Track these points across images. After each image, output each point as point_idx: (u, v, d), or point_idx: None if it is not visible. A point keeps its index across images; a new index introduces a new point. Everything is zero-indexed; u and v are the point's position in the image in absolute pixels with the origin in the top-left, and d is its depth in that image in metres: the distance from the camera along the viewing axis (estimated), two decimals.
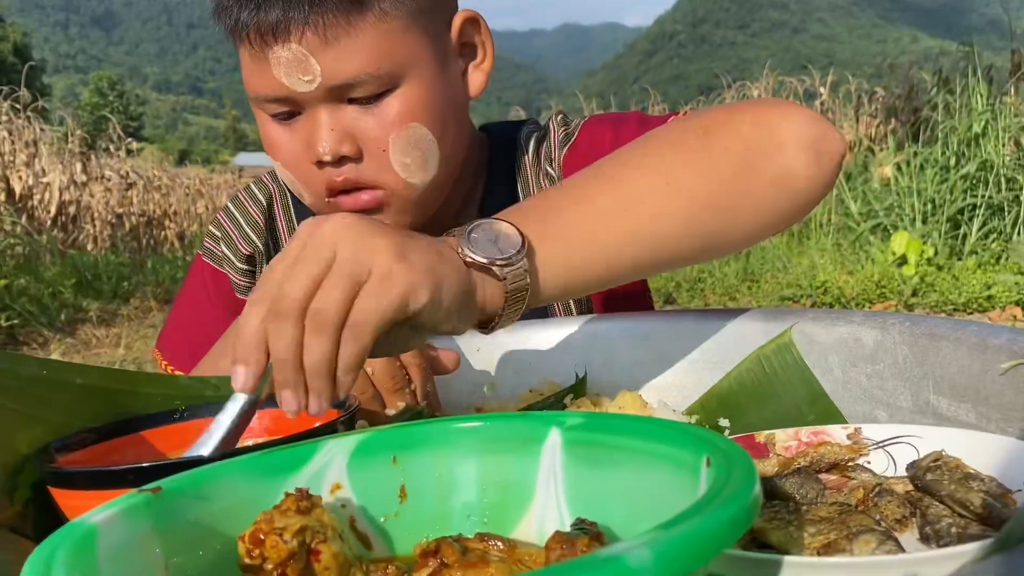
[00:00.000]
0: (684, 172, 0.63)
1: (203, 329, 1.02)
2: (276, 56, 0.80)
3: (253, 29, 0.79)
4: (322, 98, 0.81)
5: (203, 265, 1.07)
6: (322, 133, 0.81)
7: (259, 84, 0.82)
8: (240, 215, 1.06)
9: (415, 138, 0.83)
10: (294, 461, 0.46)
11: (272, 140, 0.86)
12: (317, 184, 0.85)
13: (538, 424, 0.47)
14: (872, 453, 0.54)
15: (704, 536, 0.28)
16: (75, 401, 0.58)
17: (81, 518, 0.37)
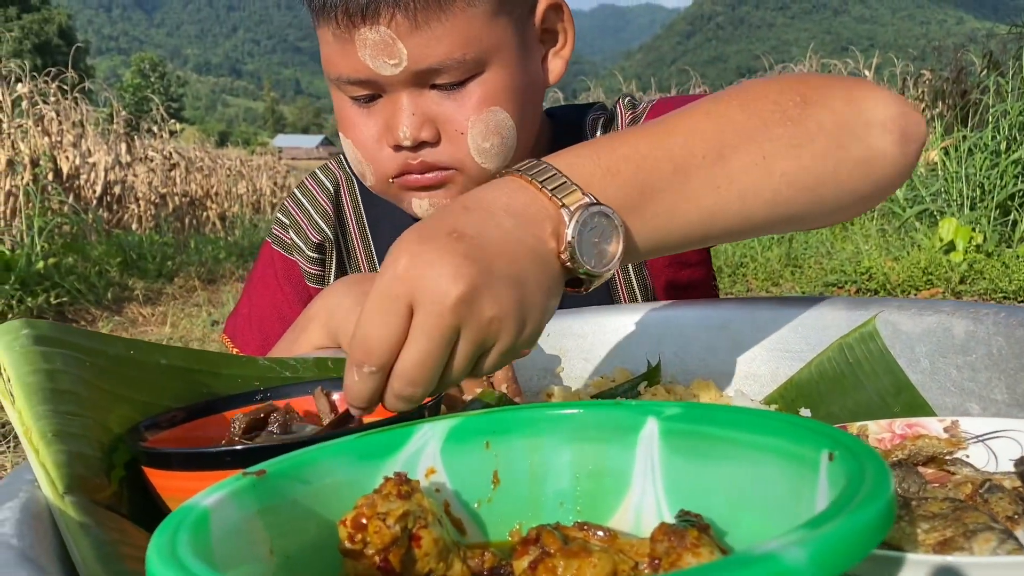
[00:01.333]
0: (779, 147, 0.60)
1: (274, 315, 1.02)
2: (363, 38, 0.79)
3: (341, 10, 0.79)
4: (405, 82, 0.81)
5: (272, 253, 1.06)
6: (403, 118, 0.82)
7: (342, 66, 0.82)
8: (308, 203, 1.05)
9: (495, 123, 0.83)
10: (390, 445, 0.46)
11: (348, 120, 0.86)
12: (387, 166, 0.85)
13: (635, 413, 0.46)
14: (971, 447, 0.53)
15: (856, 534, 0.27)
16: (160, 381, 0.58)
17: (193, 500, 0.37)
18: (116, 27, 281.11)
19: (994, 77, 6.23)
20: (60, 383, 0.49)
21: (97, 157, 7.94)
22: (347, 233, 1.04)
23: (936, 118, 7.35)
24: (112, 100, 9.05)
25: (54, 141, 7.44)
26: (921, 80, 8.91)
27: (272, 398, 0.62)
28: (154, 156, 9.57)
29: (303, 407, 0.63)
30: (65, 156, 7.46)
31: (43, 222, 5.80)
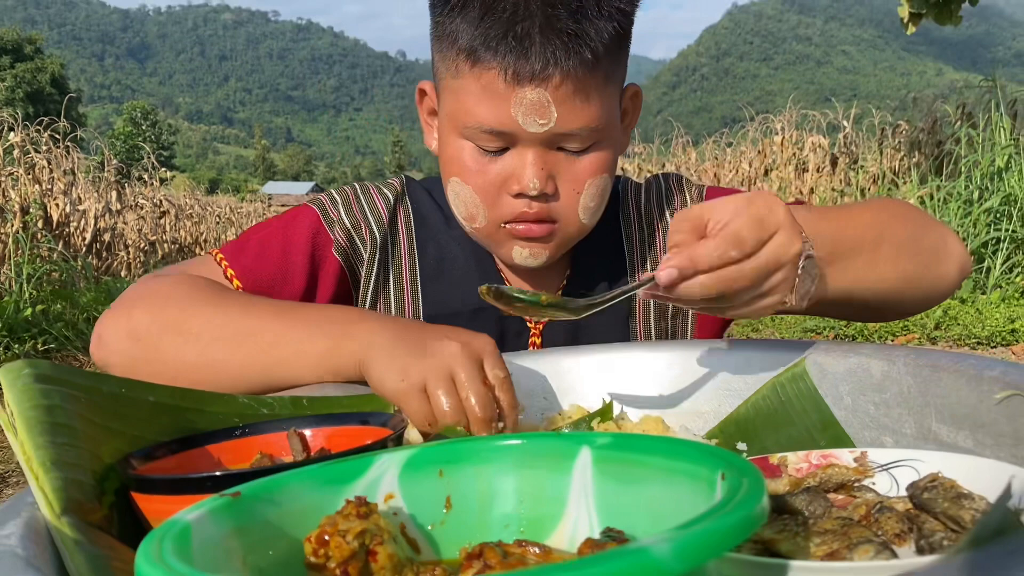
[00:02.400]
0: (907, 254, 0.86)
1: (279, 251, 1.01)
2: (521, 96, 0.87)
3: (511, 69, 0.86)
4: (541, 140, 0.90)
5: (308, 212, 1.05)
6: (533, 171, 0.90)
7: (485, 115, 0.89)
8: (367, 203, 1.07)
9: (602, 187, 0.95)
10: (352, 472, 0.52)
11: (467, 166, 0.93)
12: (504, 211, 0.93)
13: (570, 443, 0.52)
14: (877, 475, 0.59)
15: (715, 535, 0.33)
16: (149, 416, 0.64)
17: (176, 517, 0.43)
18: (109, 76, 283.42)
19: (966, 129, 6.40)
20: (58, 417, 0.55)
21: (87, 205, 8.02)
22: (397, 245, 1.07)
23: (913, 167, 7.52)
24: (103, 148, 9.14)
25: (45, 189, 7.51)
26: (898, 131, 9.12)
27: (251, 434, 0.68)
28: (144, 203, 9.65)
29: (279, 443, 0.68)
30: (55, 204, 7.53)
31: (32, 269, 5.85)
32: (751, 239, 0.66)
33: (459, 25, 0.89)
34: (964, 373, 0.62)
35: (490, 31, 0.87)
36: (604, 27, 0.88)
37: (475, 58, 0.88)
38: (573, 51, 0.86)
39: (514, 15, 0.86)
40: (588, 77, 0.88)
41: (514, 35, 0.86)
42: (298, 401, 0.76)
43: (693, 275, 0.65)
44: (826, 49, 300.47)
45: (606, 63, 0.90)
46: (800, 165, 9.47)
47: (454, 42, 0.90)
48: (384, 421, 0.66)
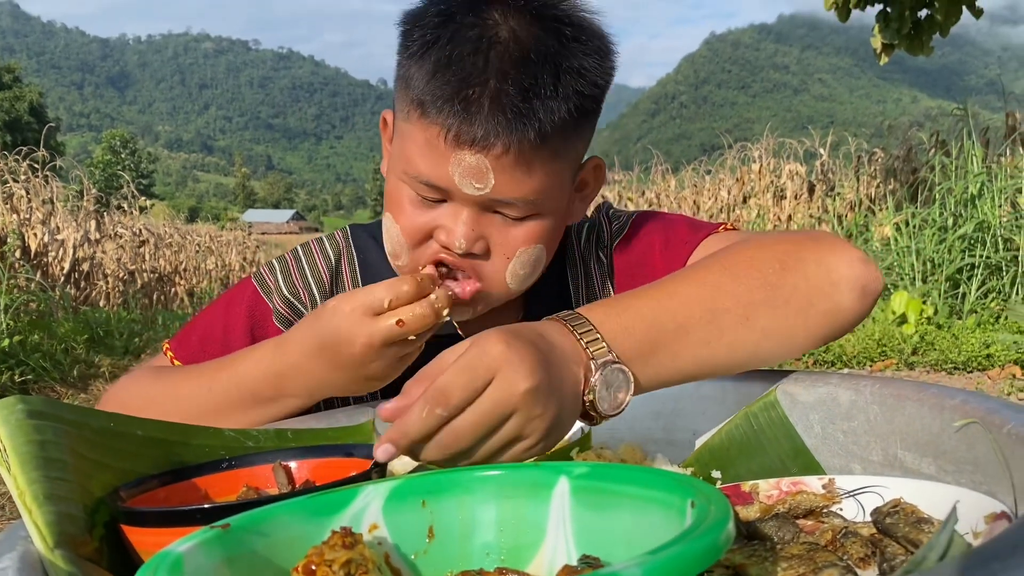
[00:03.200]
0: (760, 308, 0.75)
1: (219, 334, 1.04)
2: (460, 158, 0.86)
3: (453, 131, 0.85)
4: (477, 202, 0.89)
5: (248, 286, 1.08)
6: (463, 231, 0.89)
7: (424, 168, 0.88)
8: (307, 264, 1.08)
9: (535, 257, 0.94)
10: (337, 503, 0.54)
11: (402, 208, 0.93)
12: (425, 257, 0.93)
13: (549, 473, 0.54)
14: (844, 501, 0.61)
15: (684, 559, 0.35)
16: (138, 450, 0.65)
17: (168, 548, 0.44)
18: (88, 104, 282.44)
19: (939, 157, 6.52)
20: (50, 452, 0.56)
21: (66, 234, 7.97)
22: None
23: (888, 195, 7.64)
24: (82, 177, 9.11)
25: (23, 218, 7.47)
26: (874, 158, 9.26)
27: (237, 466, 0.69)
28: (123, 233, 9.61)
29: (265, 476, 0.70)
30: (33, 233, 7.49)
31: (9, 299, 5.80)
32: (458, 393, 0.60)
33: (414, 73, 0.88)
34: (926, 402, 0.64)
35: (440, 89, 0.85)
36: (557, 107, 0.86)
37: (423, 110, 0.87)
38: (516, 128, 0.84)
39: (467, 79, 0.85)
40: (532, 152, 0.86)
41: (462, 99, 0.85)
42: (283, 434, 0.78)
43: (409, 445, 0.62)
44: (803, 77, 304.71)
45: (556, 141, 0.88)
46: (778, 192, 9.59)
47: (409, 88, 0.89)
48: (368, 453, 0.67)
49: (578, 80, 0.87)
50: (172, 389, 0.95)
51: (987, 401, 0.59)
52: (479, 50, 0.85)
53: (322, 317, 0.83)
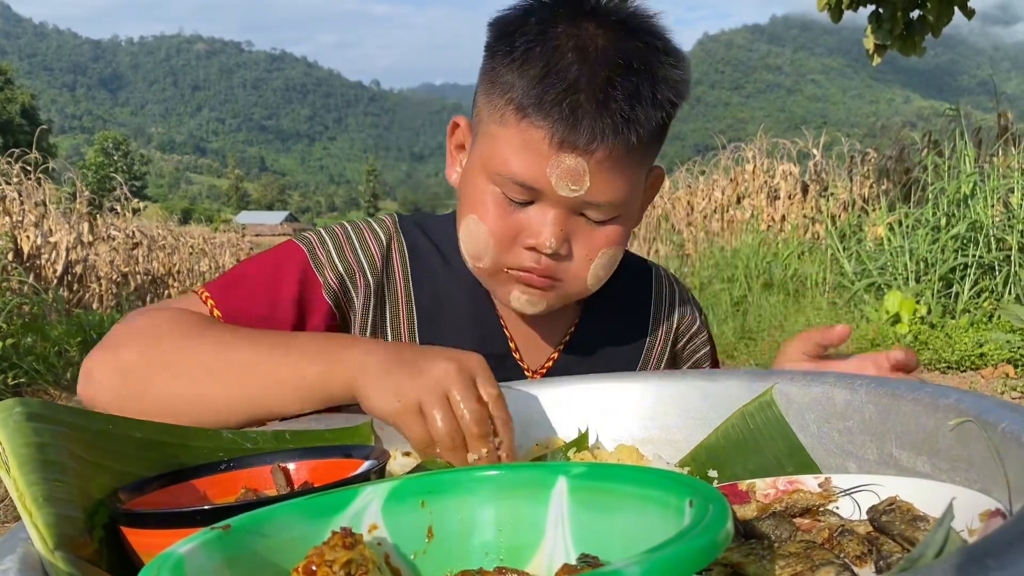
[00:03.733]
0: None
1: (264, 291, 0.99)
2: (560, 161, 0.90)
3: (559, 135, 0.88)
4: (567, 204, 0.93)
5: (295, 249, 1.03)
6: (552, 230, 0.93)
7: (519, 169, 0.91)
8: (359, 243, 1.05)
9: (613, 259, 0.99)
10: (337, 504, 0.54)
11: (489, 209, 0.95)
12: (512, 259, 0.96)
13: (547, 473, 0.55)
14: (840, 500, 0.62)
15: (682, 558, 0.35)
16: (136, 452, 0.65)
17: (170, 550, 0.44)
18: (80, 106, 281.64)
19: (932, 157, 6.54)
20: (49, 454, 0.56)
21: (59, 236, 7.95)
22: (392, 286, 1.06)
23: (882, 195, 7.67)
24: (75, 179, 9.09)
25: (15, 221, 7.45)
26: (867, 158, 9.30)
27: (235, 468, 0.70)
28: (116, 235, 9.58)
29: (263, 477, 0.70)
30: (26, 236, 7.47)
31: (2, 302, 5.79)
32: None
33: (516, 79, 0.91)
34: (921, 401, 0.65)
35: (546, 94, 0.89)
36: (653, 115, 0.91)
37: (525, 114, 0.90)
38: (621, 133, 0.89)
39: (574, 85, 0.88)
40: (627, 157, 0.91)
41: (569, 104, 0.88)
42: (281, 435, 0.78)
43: None
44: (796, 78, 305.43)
45: (645, 147, 0.93)
46: (772, 193, 9.62)
47: (506, 92, 0.92)
48: (367, 453, 0.68)
49: (670, 90, 0.93)
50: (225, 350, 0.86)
51: (981, 400, 0.60)
52: (583, 58, 0.89)
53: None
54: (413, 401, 0.73)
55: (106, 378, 0.88)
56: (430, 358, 0.75)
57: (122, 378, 0.87)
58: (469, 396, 0.73)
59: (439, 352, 0.77)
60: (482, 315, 1.07)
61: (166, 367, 0.87)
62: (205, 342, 0.87)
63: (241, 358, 0.85)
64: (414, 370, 0.74)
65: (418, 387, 0.73)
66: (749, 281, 7.03)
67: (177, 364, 0.86)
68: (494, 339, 1.07)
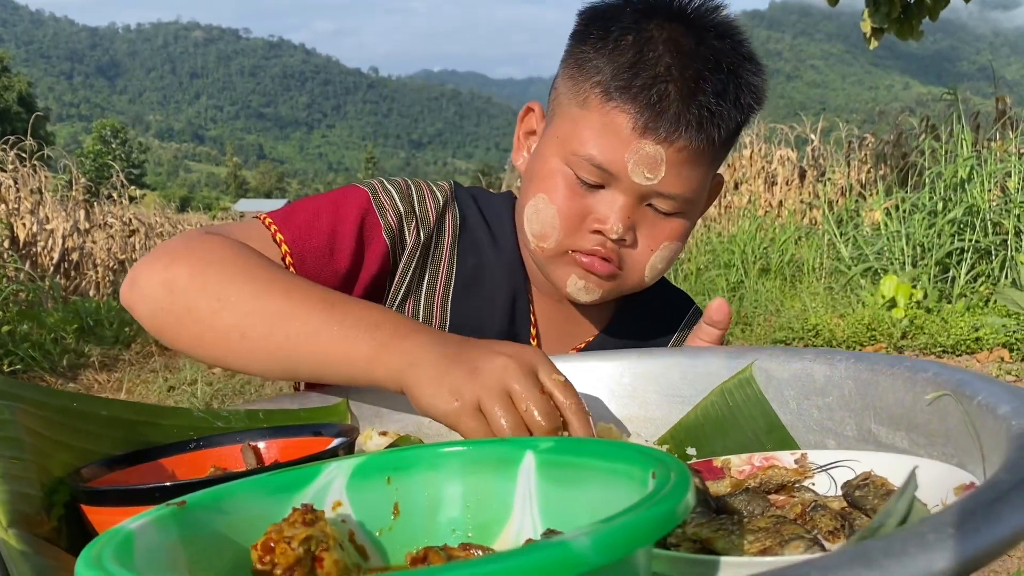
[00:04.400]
0: None
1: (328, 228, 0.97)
2: (640, 146, 0.90)
3: (647, 119, 0.89)
4: (638, 192, 0.93)
5: (360, 193, 1.02)
6: (620, 216, 0.93)
7: (596, 152, 0.92)
8: (417, 199, 1.04)
9: (673, 253, 0.99)
10: (300, 480, 0.53)
11: (560, 190, 0.95)
12: (579, 242, 0.95)
13: (515, 448, 0.54)
14: (816, 476, 0.61)
15: (636, 527, 0.34)
16: (101, 431, 0.64)
17: (120, 525, 0.43)
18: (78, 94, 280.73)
19: (929, 141, 6.52)
20: (7, 431, 0.55)
21: (55, 224, 7.93)
22: (439, 247, 1.05)
23: (879, 179, 7.65)
24: (71, 166, 9.05)
25: (11, 208, 7.42)
26: (865, 143, 9.27)
27: (204, 447, 0.69)
28: (113, 222, 9.56)
29: (233, 457, 0.69)
30: (22, 223, 7.44)
31: None
32: None
33: (605, 63, 0.91)
34: (899, 375, 0.63)
35: (635, 80, 0.89)
36: (734, 116, 0.93)
37: (610, 97, 0.91)
38: (705, 127, 0.90)
39: (665, 73, 0.89)
40: (704, 152, 0.92)
41: (658, 91, 0.89)
42: (254, 414, 0.77)
43: None
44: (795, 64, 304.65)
45: (721, 147, 0.94)
46: (769, 178, 9.59)
47: (592, 75, 0.92)
48: (337, 432, 0.67)
49: (750, 95, 0.94)
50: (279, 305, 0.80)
51: (958, 373, 0.59)
52: (675, 51, 0.91)
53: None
54: (472, 400, 0.68)
55: (150, 288, 0.84)
56: (487, 354, 0.71)
57: (166, 292, 0.83)
58: (531, 389, 0.68)
59: (496, 346, 0.72)
60: (516, 299, 1.06)
61: (216, 296, 0.81)
62: (261, 282, 0.82)
63: (296, 311, 0.79)
64: (471, 367, 0.70)
65: (477, 386, 0.68)
66: (746, 267, 7.02)
67: (229, 298, 0.81)
68: (520, 324, 1.08)
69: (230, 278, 0.82)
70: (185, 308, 0.82)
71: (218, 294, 0.81)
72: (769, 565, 0.42)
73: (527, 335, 1.08)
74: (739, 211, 8.83)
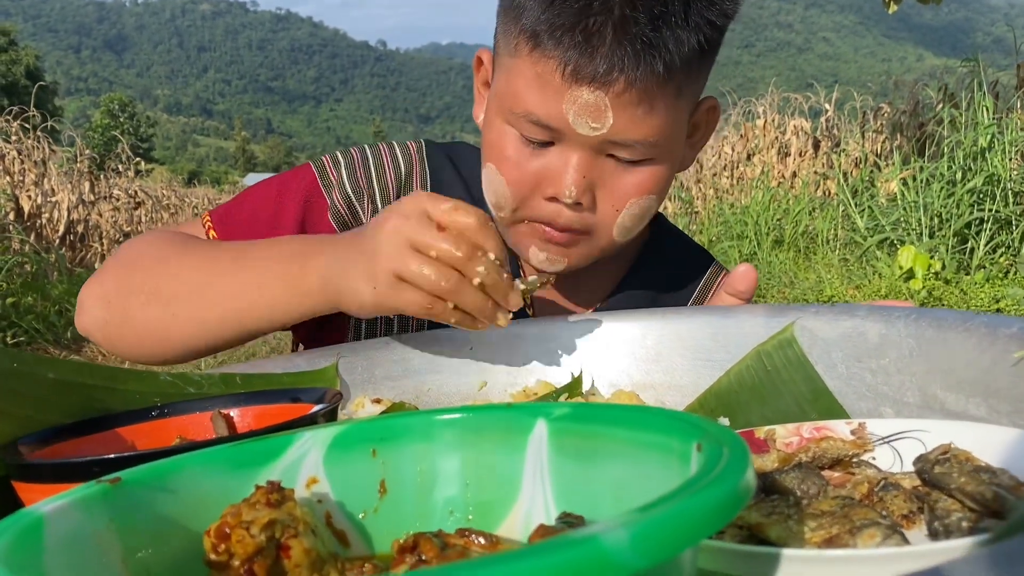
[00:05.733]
0: None
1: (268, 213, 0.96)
2: (576, 95, 0.78)
3: (571, 65, 0.77)
4: (590, 144, 0.81)
5: (306, 173, 0.99)
6: (573, 177, 0.81)
7: (534, 105, 0.81)
8: (375, 168, 0.99)
9: (646, 208, 0.86)
10: (267, 453, 0.44)
11: (507, 155, 0.84)
12: (532, 211, 0.85)
13: (523, 415, 0.45)
14: (877, 449, 0.52)
15: (686, 518, 0.25)
16: (47, 396, 0.56)
17: (29, 508, 0.35)
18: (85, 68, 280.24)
19: (948, 109, 6.36)
20: None
21: (60, 196, 7.85)
22: None
23: (895, 150, 7.49)
24: (76, 138, 8.96)
25: (16, 180, 7.35)
26: (880, 113, 9.09)
27: (169, 415, 0.60)
28: (119, 195, 9.48)
29: (202, 425, 0.60)
30: (27, 195, 7.37)
31: (2, 261, 5.71)
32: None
33: (527, 2, 0.80)
34: (975, 332, 0.54)
35: (558, 18, 0.77)
36: (686, 38, 0.79)
37: (536, 42, 0.79)
38: (644, 60, 0.77)
39: (588, 7, 0.77)
40: (656, 88, 0.79)
41: (583, 29, 0.77)
42: (231, 379, 0.68)
43: None
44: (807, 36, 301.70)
45: (680, 76, 0.80)
46: (782, 149, 9.43)
47: (518, 18, 0.81)
48: (318, 397, 0.58)
49: (709, 8, 0.80)
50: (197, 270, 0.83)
51: None
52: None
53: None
54: (387, 277, 0.67)
55: (91, 307, 0.87)
56: (375, 229, 0.70)
57: (104, 306, 0.86)
58: (429, 230, 0.67)
59: (379, 217, 0.71)
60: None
61: (141, 291, 0.84)
62: (180, 264, 0.85)
63: (211, 278, 0.82)
64: (370, 248, 0.70)
65: (383, 260, 0.68)
66: (759, 238, 6.88)
67: (151, 289, 0.84)
68: None
69: (151, 272, 0.85)
70: (122, 315, 0.84)
71: (142, 288, 0.84)
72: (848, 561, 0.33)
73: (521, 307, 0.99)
74: (752, 182, 8.69)
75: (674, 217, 9.32)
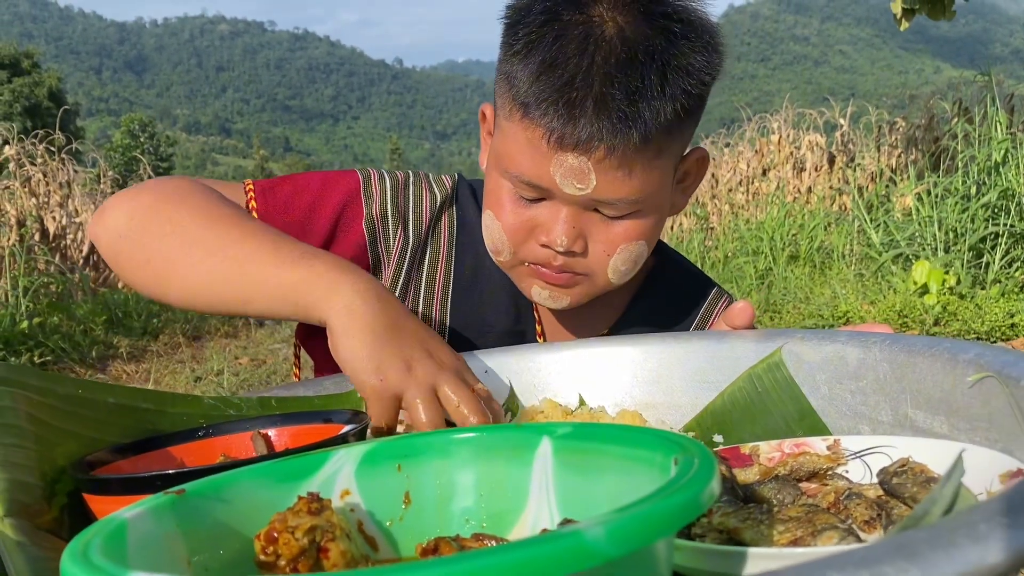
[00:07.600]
0: None
1: (309, 204, 0.98)
2: (562, 160, 0.85)
3: (556, 134, 0.84)
4: (577, 201, 0.88)
5: (354, 178, 1.02)
6: (564, 228, 0.89)
7: (526, 168, 0.88)
8: (414, 197, 1.04)
9: (636, 253, 0.93)
10: (306, 468, 0.51)
11: (503, 205, 0.92)
12: (528, 255, 0.93)
13: (530, 434, 0.51)
14: (850, 463, 0.58)
15: (653, 517, 0.32)
16: (107, 418, 0.62)
17: (114, 514, 0.41)
18: (106, 89, 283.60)
19: (962, 124, 6.38)
20: (7, 418, 0.53)
21: (84, 217, 8.01)
22: (435, 247, 1.05)
23: (909, 164, 7.51)
24: (99, 159, 9.13)
25: (41, 202, 7.50)
26: (895, 128, 9.11)
27: (213, 435, 0.67)
28: None
29: (243, 444, 0.67)
30: (52, 217, 7.52)
31: (28, 282, 5.84)
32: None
33: (519, 72, 0.87)
34: (939, 357, 0.60)
35: (544, 91, 0.84)
36: (663, 108, 0.84)
37: (525, 111, 0.86)
38: (621, 132, 0.83)
39: (571, 81, 0.83)
40: (634, 154, 0.85)
41: (566, 101, 0.83)
42: (266, 402, 0.75)
43: None
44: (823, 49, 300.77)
45: (660, 140, 0.86)
46: (798, 164, 9.46)
47: (511, 86, 0.88)
48: (347, 419, 0.65)
49: (686, 79, 0.85)
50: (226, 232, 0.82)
51: (1004, 354, 0.55)
52: (584, 51, 0.84)
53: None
54: (395, 388, 0.67)
55: (114, 218, 0.88)
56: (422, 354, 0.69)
57: (128, 219, 0.87)
58: (461, 388, 0.67)
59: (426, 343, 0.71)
60: (518, 297, 1.03)
61: (168, 220, 0.85)
62: (214, 219, 0.85)
63: (236, 238, 0.81)
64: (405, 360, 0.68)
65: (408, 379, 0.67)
66: (774, 254, 6.92)
67: (179, 223, 0.84)
68: (525, 323, 1.06)
69: (186, 210, 0.86)
70: (140, 230, 0.85)
71: (170, 218, 0.85)
72: (800, 557, 0.39)
73: (533, 333, 1.06)
74: (767, 197, 8.72)
75: (689, 233, 9.36)
